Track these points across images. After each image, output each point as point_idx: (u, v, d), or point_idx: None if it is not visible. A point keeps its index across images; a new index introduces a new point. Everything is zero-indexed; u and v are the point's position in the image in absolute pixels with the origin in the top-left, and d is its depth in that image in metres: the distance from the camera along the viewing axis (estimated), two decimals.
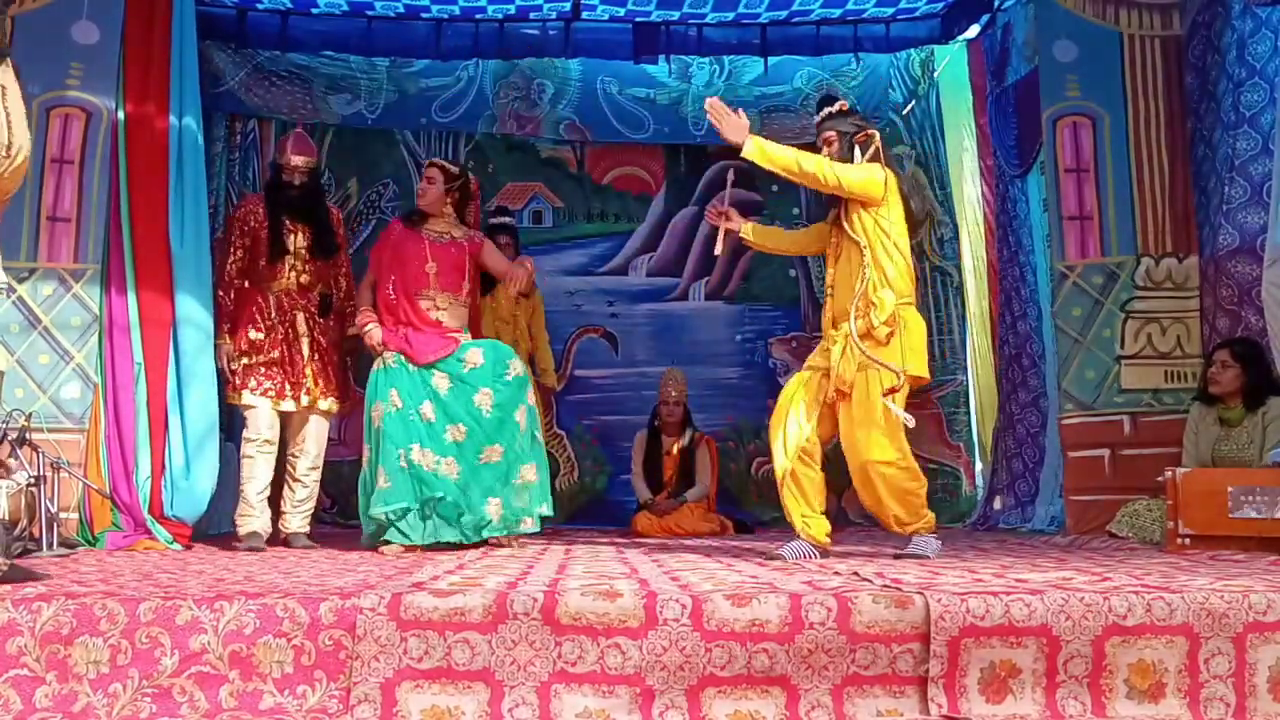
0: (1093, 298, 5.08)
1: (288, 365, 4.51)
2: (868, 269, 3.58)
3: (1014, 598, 2.18)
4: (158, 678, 2.07)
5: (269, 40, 6.02)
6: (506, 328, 5.72)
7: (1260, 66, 4.69)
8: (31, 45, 4.49)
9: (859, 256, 3.62)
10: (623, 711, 2.09)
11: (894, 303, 3.56)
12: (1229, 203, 4.78)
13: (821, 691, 2.11)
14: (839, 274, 3.69)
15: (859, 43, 6.19)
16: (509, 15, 6.00)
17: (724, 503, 6.31)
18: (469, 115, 6.69)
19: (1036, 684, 2.15)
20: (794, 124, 6.90)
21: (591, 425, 6.90)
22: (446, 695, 2.09)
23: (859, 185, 3.63)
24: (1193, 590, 2.27)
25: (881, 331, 3.52)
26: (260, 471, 4.43)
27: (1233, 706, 2.17)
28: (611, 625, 2.12)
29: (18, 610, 2.09)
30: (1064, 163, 5.16)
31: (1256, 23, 4.71)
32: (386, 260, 4.43)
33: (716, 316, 7.06)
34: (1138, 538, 4.43)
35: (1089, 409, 5.05)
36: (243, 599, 2.13)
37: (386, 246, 4.48)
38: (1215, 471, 4.14)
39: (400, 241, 4.45)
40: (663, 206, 7.17)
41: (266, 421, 4.45)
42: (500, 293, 5.74)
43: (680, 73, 6.80)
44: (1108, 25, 5.16)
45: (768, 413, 6.72)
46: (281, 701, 2.08)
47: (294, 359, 4.53)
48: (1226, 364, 4.42)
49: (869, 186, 3.63)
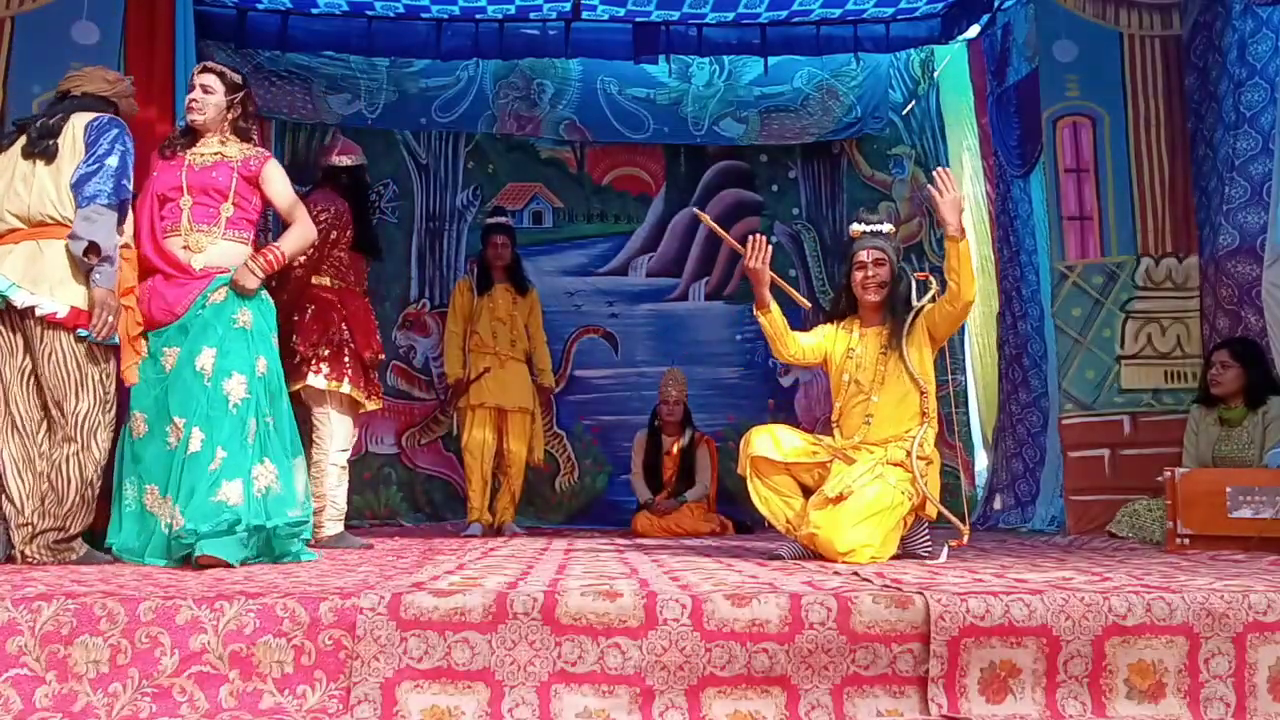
0: (1093, 298, 5.08)
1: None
2: (928, 419, 3.50)
3: (1014, 598, 2.18)
4: (158, 677, 2.07)
5: (269, 40, 6.03)
6: (504, 327, 5.70)
7: (1261, 66, 4.69)
8: (31, 45, 4.50)
9: (915, 398, 3.52)
10: (623, 711, 2.09)
11: (933, 440, 3.55)
12: (1229, 203, 4.78)
13: (821, 691, 2.11)
14: (884, 406, 3.52)
15: (859, 43, 6.20)
16: (509, 15, 6.00)
17: (724, 503, 6.31)
18: (469, 115, 6.70)
19: (1036, 684, 2.15)
20: (794, 124, 6.92)
21: (591, 425, 6.91)
22: (446, 695, 2.09)
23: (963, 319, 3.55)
24: (1193, 590, 2.26)
25: (923, 466, 3.46)
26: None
27: (1233, 706, 2.17)
28: (611, 625, 2.12)
29: (18, 610, 2.09)
30: (1064, 163, 5.17)
31: (1257, 23, 4.71)
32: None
33: (716, 316, 7.07)
34: (1138, 538, 4.43)
35: (1089, 409, 5.05)
36: (243, 599, 2.13)
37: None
38: (1215, 471, 4.14)
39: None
40: (662, 207, 7.18)
41: None
42: (498, 291, 5.74)
43: (680, 73, 6.81)
44: (1108, 25, 5.16)
45: (767, 413, 6.82)
46: (281, 701, 2.08)
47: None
48: (1227, 364, 4.42)
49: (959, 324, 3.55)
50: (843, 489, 3.32)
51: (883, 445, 3.49)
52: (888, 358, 3.54)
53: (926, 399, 3.51)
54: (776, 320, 3.68)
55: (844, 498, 3.30)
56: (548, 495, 6.80)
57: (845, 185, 7.16)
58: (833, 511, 3.30)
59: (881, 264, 3.59)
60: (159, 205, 3.44)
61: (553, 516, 6.71)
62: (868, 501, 3.31)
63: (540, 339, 5.93)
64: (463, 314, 5.75)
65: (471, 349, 5.68)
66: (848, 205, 7.06)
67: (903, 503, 3.39)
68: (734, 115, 6.89)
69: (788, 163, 7.26)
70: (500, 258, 5.77)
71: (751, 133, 6.93)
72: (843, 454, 3.50)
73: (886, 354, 3.54)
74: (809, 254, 7.19)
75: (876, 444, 3.50)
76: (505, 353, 5.67)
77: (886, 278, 3.59)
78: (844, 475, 3.39)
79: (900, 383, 3.52)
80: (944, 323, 3.51)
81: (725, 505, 6.29)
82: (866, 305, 3.65)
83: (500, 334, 5.67)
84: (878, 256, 3.59)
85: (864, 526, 3.28)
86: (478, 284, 5.77)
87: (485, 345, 5.65)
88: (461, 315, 5.75)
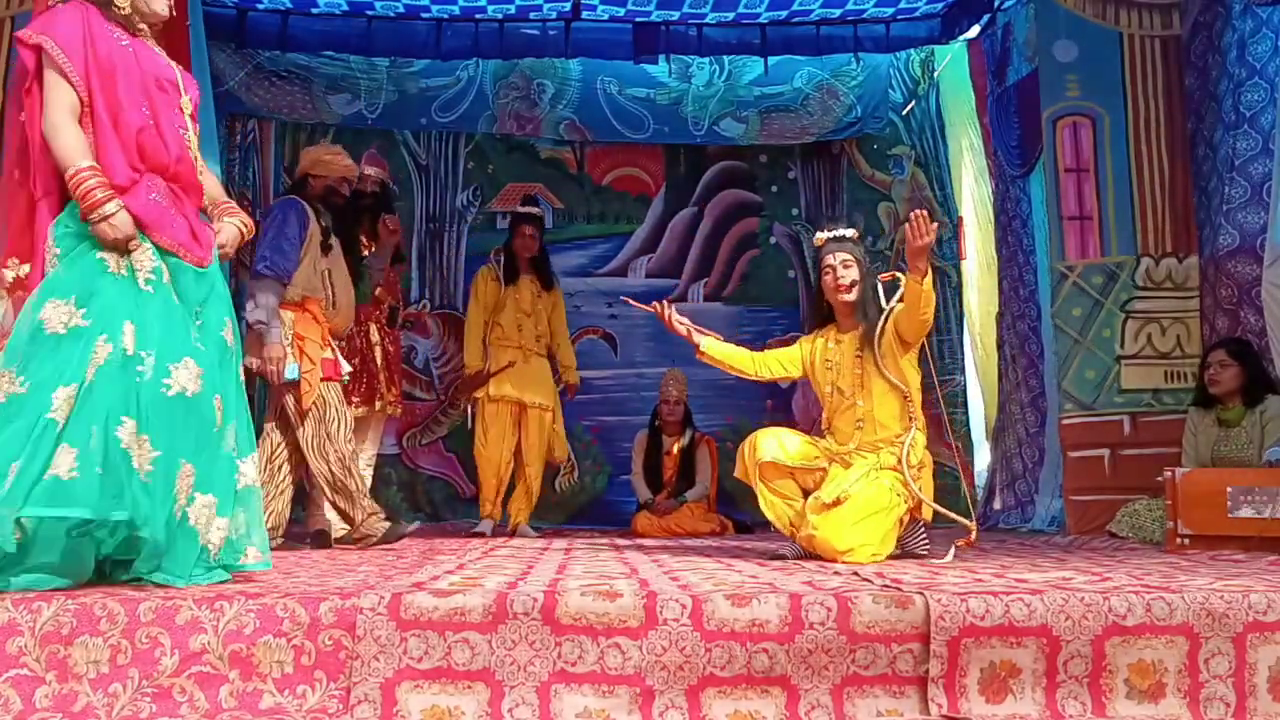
0: (1093, 298, 5.08)
1: (363, 374, 4.61)
2: (914, 424, 3.52)
3: (1014, 598, 2.18)
4: (158, 678, 2.07)
5: (269, 40, 6.03)
6: (529, 320, 5.49)
7: (1260, 66, 4.69)
8: None
9: (900, 402, 3.54)
10: (623, 711, 2.09)
11: (924, 443, 3.57)
12: (1229, 203, 4.78)
13: (821, 691, 2.11)
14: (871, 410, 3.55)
15: (859, 43, 6.20)
16: (509, 15, 6.00)
17: (724, 503, 6.31)
18: (469, 115, 6.69)
19: (1036, 684, 2.15)
20: (794, 124, 6.92)
21: (591, 425, 6.90)
22: (446, 695, 2.09)
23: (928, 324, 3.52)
24: (1193, 590, 2.27)
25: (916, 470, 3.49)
26: None
27: (1233, 706, 2.17)
28: (611, 625, 2.12)
29: (18, 610, 2.09)
30: (1064, 163, 5.16)
31: (1257, 22, 4.71)
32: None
33: (715, 317, 7.05)
34: (1138, 538, 4.43)
35: (1089, 409, 5.05)
36: (243, 599, 2.13)
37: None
38: (1215, 471, 4.14)
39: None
40: (662, 207, 7.18)
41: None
42: (524, 284, 5.53)
43: (680, 73, 6.81)
44: (1108, 25, 5.16)
45: (767, 413, 6.82)
46: (281, 701, 2.08)
47: (370, 368, 4.66)
48: (1225, 364, 4.42)
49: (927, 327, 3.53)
50: (839, 493, 3.36)
51: (875, 450, 3.52)
52: (864, 361, 3.58)
53: (910, 403, 3.55)
54: (718, 354, 3.75)
55: (840, 502, 3.34)
56: (548, 495, 6.77)
57: (845, 185, 7.15)
58: (830, 515, 3.33)
59: (849, 265, 3.63)
60: None
61: (553, 516, 6.70)
62: (864, 503, 3.35)
63: (564, 335, 5.76)
64: (485, 304, 5.49)
65: (492, 341, 5.45)
66: (848, 205, 7.06)
67: (899, 504, 3.44)
68: (734, 115, 6.88)
69: (788, 163, 7.26)
70: (528, 248, 5.54)
71: (751, 133, 6.93)
72: (840, 458, 3.55)
73: (862, 358, 3.59)
74: (808, 255, 7.19)
75: (871, 449, 3.53)
76: (530, 347, 5.46)
77: (857, 278, 3.62)
78: (840, 480, 3.43)
79: (882, 385, 3.55)
80: (906, 328, 3.53)
81: (725, 505, 6.29)
82: (841, 309, 3.68)
83: (525, 328, 5.46)
84: (845, 259, 3.63)
85: (861, 527, 3.32)
86: (504, 274, 5.51)
87: (508, 339, 5.43)
88: (484, 304, 5.49)
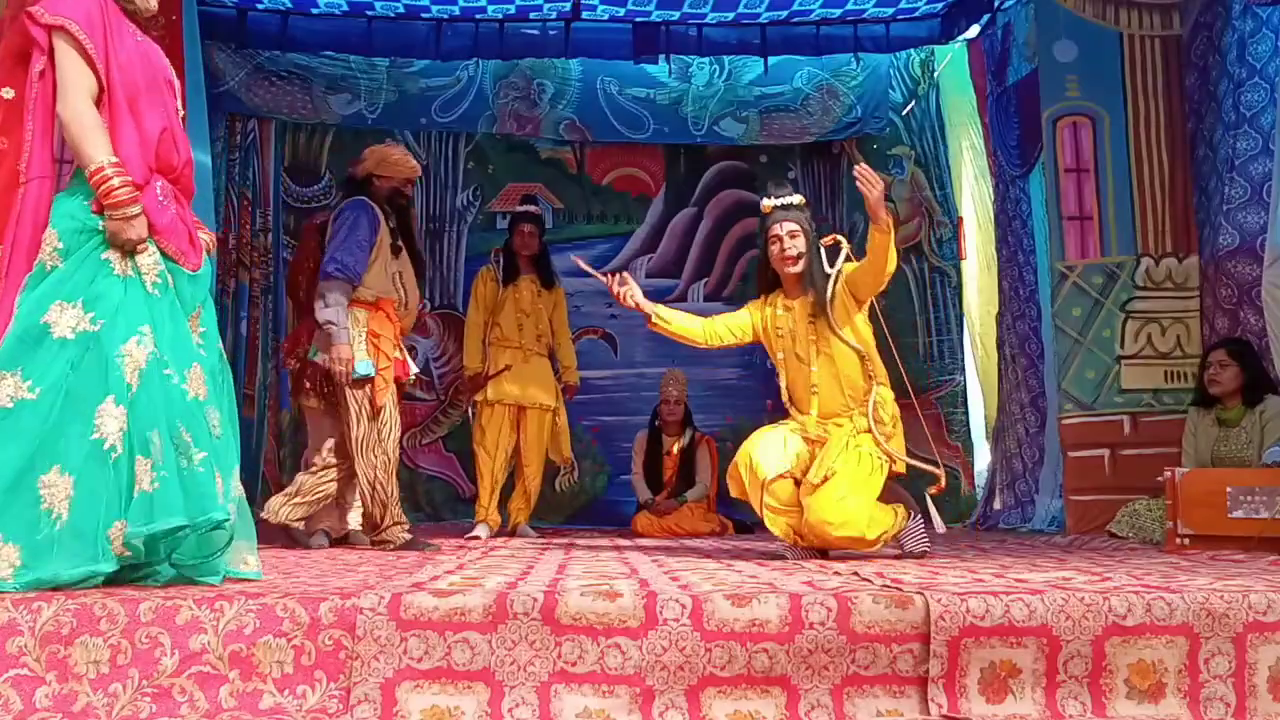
0: (1093, 298, 5.08)
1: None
2: (875, 381, 3.54)
3: (1014, 598, 2.18)
4: (158, 678, 2.07)
5: (269, 40, 6.03)
6: (529, 320, 5.42)
7: (1260, 66, 4.69)
8: None
9: (856, 363, 3.56)
10: (623, 711, 2.09)
11: (892, 397, 3.59)
12: (1229, 203, 4.78)
13: (821, 691, 2.11)
14: (823, 374, 3.58)
15: (859, 43, 6.20)
16: (509, 15, 6.01)
17: (724, 503, 6.28)
18: (469, 115, 6.70)
19: (1036, 684, 2.15)
20: (794, 124, 6.92)
21: (591, 425, 6.90)
22: (446, 695, 2.09)
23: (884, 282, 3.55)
24: (1193, 590, 2.26)
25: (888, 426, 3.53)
26: None
27: (1233, 706, 2.16)
28: (611, 625, 2.12)
29: (18, 610, 2.09)
30: (1064, 163, 5.17)
31: (1257, 23, 4.71)
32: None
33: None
34: (1138, 538, 4.43)
35: (1089, 409, 5.05)
36: (243, 599, 2.13)
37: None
38: (1215, 471, 4.15)
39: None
40: (662, 207, 7.18)
41: None
42: (523, 283, 5.46)
43: (680, 73, 6.81)
44: (1108, 25, 5.16)
45: (767, 413, 6.81)
46: (281, 701, 2.08)
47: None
48: (1225, 363, 4.42)
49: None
50: (825, 471, 3.41)
51: (843, 416, 3.56)
52: (817, 327, 3.59)
53: (869, 361, 3.56)
54: (670, 324, 3.75)
55: (828, 479, 3.39)
56: (548, 495, 6.76)
57: (845, 185, 7.15)
58: (819, 494, 3.38)
59: (796, 235, 3.61)
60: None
61: (553, 517, 6.70)
62: (849, 474, 3.41)
63: (565, 335, 5.70)
64: (484, 304, 5.45)
65: (492, 342, 5.39)
66: (848, 205, 7.06)
67: (881, 467, 3.50)
68: (734, 115, 6.88)
69: (788, 163, 7.26)
70: (527, 247, 5.45)
71: (751, 133, 6.93)
72: (818, 440, 3.57)
73: (815, 323, 3.60)
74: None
75: (840, 413, 3.57)
76: (530, 347, 5.39)
77: (803, 249, 3.61)
78: (822, 458, 3.47)
79: (838, 349, 3.57)
80: (864, 285, 3.54)
81: (725, 505, 6.27)
82: (787, 278, 3.67)
83: (526, 327, 5.39)
84: (791, 229, 3.62)
85: (851, 498, 3.37)
86: (503, 274, 5.46)
87: (508, 339, 5.37)
88: (484, 305, 5.44)
